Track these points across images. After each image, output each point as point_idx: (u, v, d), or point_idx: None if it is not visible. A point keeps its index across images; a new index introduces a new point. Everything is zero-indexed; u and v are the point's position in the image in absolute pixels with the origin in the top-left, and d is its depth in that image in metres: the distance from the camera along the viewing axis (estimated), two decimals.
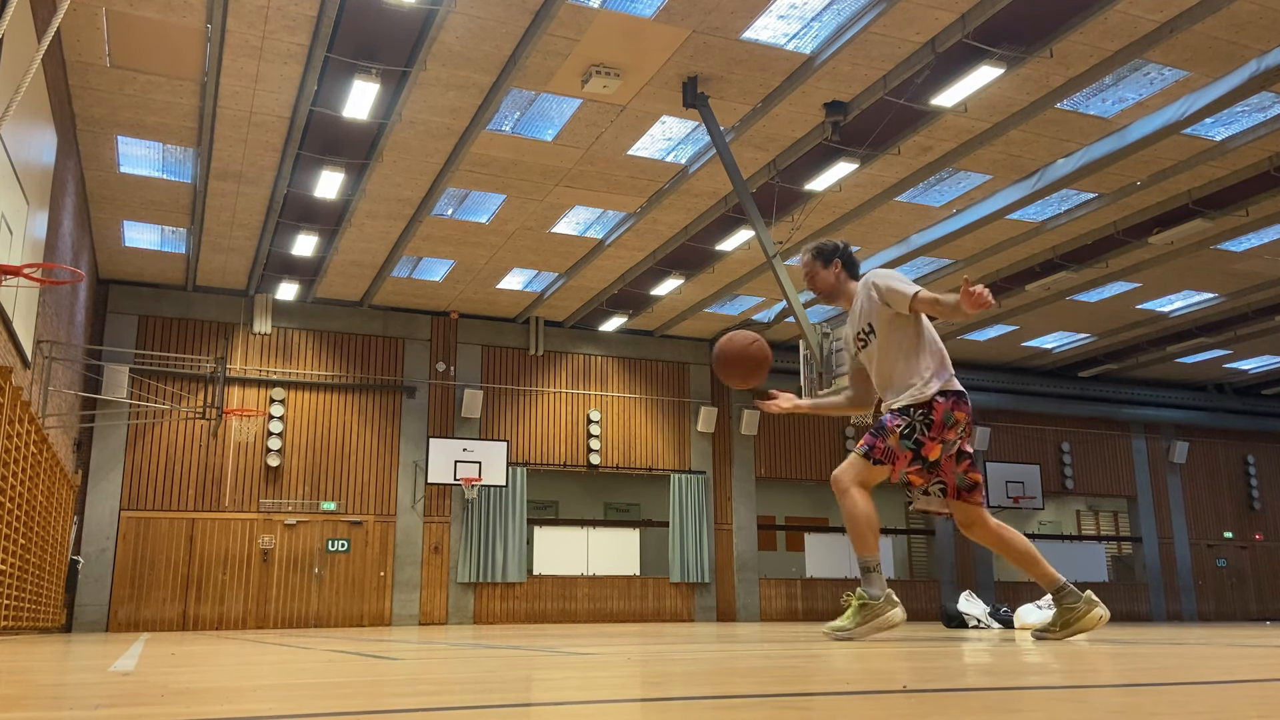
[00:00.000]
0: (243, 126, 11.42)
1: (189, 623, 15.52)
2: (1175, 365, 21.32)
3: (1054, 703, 1.80)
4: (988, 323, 18.40)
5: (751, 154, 12.01)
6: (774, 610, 19.06)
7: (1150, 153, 11.79)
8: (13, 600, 8.77)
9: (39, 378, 10.72)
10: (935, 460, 4.61)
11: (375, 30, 9.70)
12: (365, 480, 17.03)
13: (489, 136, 11.70)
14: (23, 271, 7.33)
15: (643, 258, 15.45)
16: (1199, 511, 23.25)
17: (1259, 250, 15.06)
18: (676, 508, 18.60)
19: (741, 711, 1.64)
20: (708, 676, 2.44)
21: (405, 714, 1.65)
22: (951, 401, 4.56)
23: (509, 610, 17.29)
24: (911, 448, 4.56)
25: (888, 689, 2.03)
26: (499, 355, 18.34)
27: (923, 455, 4.57)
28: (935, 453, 4.58)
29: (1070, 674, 2.50)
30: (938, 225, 14.15)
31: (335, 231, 14.36)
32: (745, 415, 19.37)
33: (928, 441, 4.55)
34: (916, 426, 4.55)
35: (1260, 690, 2.01)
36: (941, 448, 4.58)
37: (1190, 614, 22.41)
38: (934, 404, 4.55)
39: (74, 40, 9.74)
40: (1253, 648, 4.09)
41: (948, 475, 4.67)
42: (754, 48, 9.97)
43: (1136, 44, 9.68)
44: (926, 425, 4.54)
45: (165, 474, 15.96)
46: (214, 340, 16.54)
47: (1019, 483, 20.81)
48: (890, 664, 2.83)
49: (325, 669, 2.97)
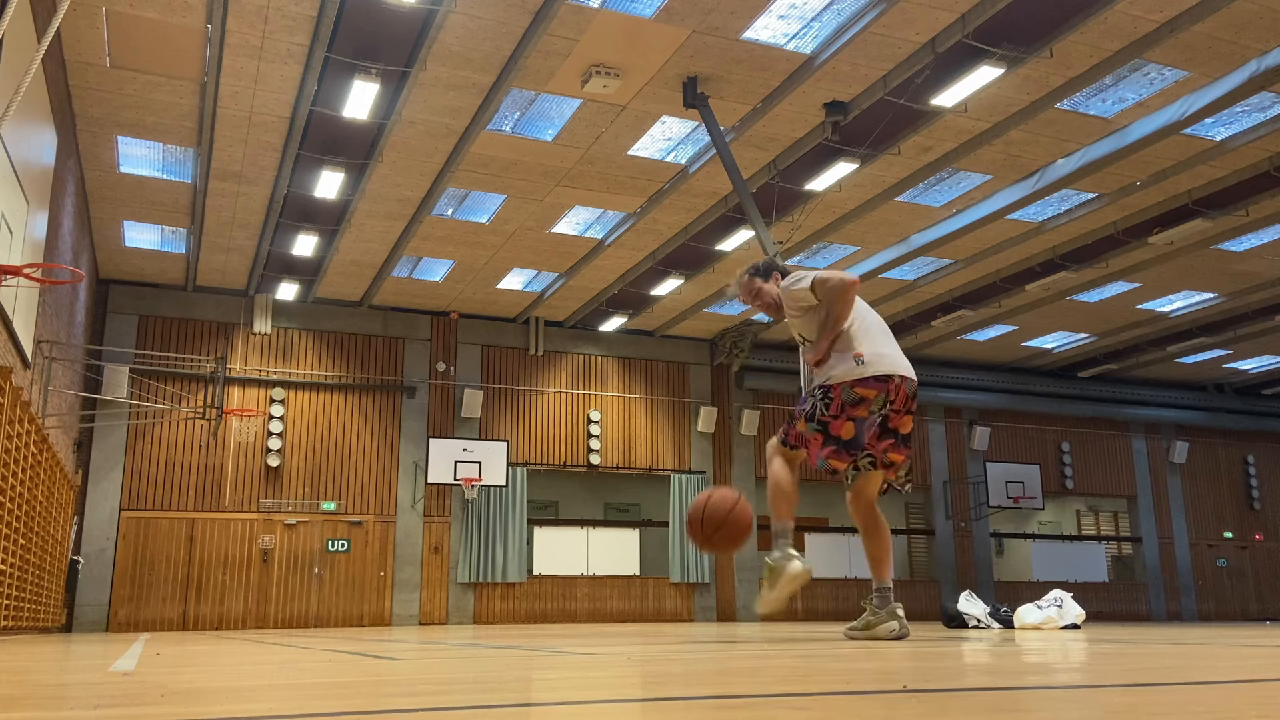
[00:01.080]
0: (243, 126, 11.42)
1: (189, 623, 15.52)
2: (1175, 365, 21.32)
3: (1054, 702, 1.80)
4: (988, 323, 18.40)
5: (751, 154, 12.01)
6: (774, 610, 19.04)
7: (1150, 153, 11.79)
8: (13, 600, 8.77)
9: (39, 378, 10.72)
10: (852, 439, 4.59)
11: (375, 30, 9.70)
12: (365, 480, 17.03)
13: (489, 136, 11.70)
14: (23, 271, 7.33)
15: (643, 258, 15.45)
16: (1199, 511, 23.25)
17: (1259, 250, 15.07)
18: (676, 508, 18.60)
19: (741, 711, 1.64)
20: (708, 676, 2.44)
21: (405, 714, 1.65)
22: (853, 381, 4.55)
23: (509, 610, 17.29)
24: (818, 429, 4.60)
25: (888, 689, 2.03)
26: (499, 355, 18.34)
27: (833, 435, 4.59)
28: (848, 431, 4.58)
29: (1070, 673, 2.50)
30: (938, 225, 14.15)
31: (335, 231, 14.36)
32: (745, 415, 19.38)
33: (832, 421, 4.57)
34: (817, 408, 4.62)
35: (1260, 690, 2.01)
36: (854, 425, 4.57)
37: (1190, 614, 22.42)
38: (832, 385, 4.60)
39: (74, 40, 9.74)
40: (1253, 648, 4.09)
41: (874, 450, 4.65)
42: (754, 48, 9.97)
43: (1136, 44, 9.68)
44: (826, 405, 4.59)
45: (165, 474, 15.96)
46: (214, 340, 16.54)
47: (1019, 483, 20.80)
48: (890, 664, 2.83)
49: (325, 669, 2.97)
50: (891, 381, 4.59)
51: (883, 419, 4.62)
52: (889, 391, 4.58)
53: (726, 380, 19.71)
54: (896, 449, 4.69)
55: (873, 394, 4.55)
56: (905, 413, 4.66)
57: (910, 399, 4.67)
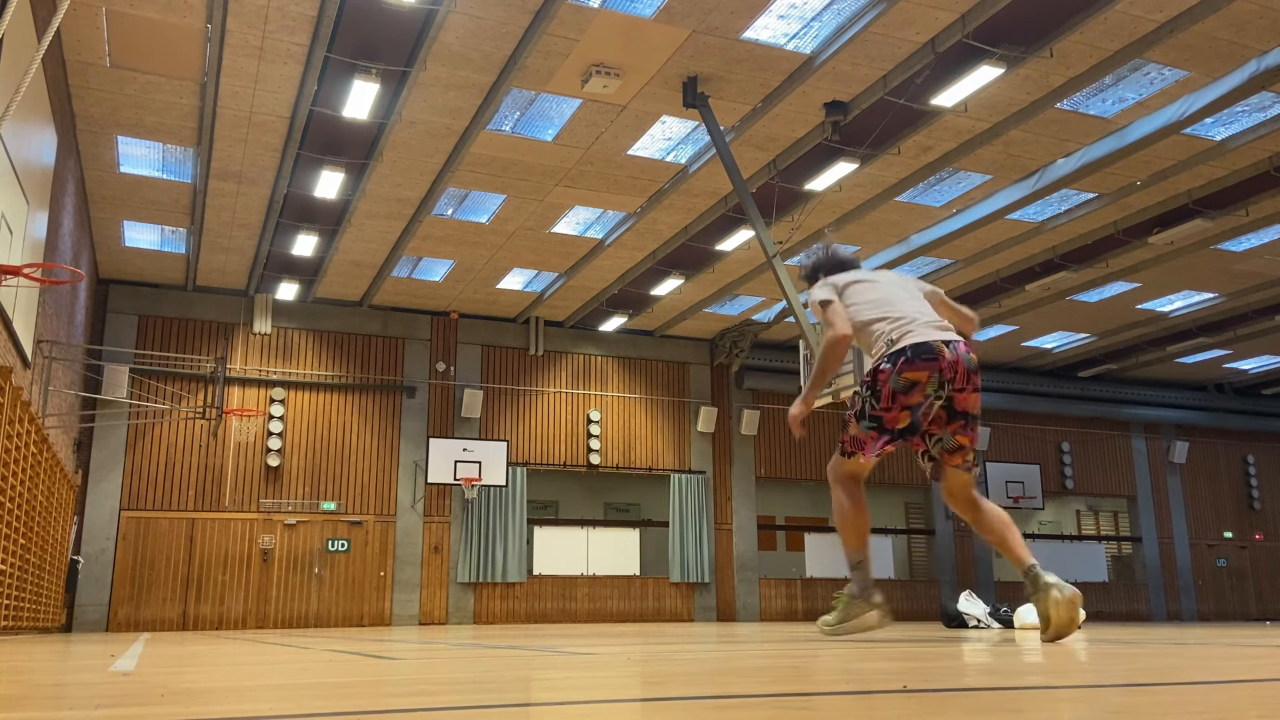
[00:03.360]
0: (243, 126, 11.42)
1: (189, 623, 15.52)
2: (1175, 365, 21.32)
3: (1054, 702, 1.80)
4: (988, 322, 18.40)
5: (751, 154, 12.01)
6: (774, 610, 19.06)
7: (1150, 153, 11.79)
8: (13, 600, 8.77)
9: (39, 378, 10.72)
10: (908, 427, 4.28)
11: (375, 30, 9.70)
12: (365, 480, 17.03)
13: (489, 136, 11.70)
14: (23, 271, 7.33)
15: (643, 258, 15.45)
16: (1199, 511, 23.25)
17: (1259, 250, 15.07)
18: (676, 508, 18.60)
19: (741, 711, 1.64)
20: (708, 676, 2.44)
21: (405, 714, 1.65)
22: (899, 365, 4.23)
23: (509, 610, 17.29)
24: (872, 426, 4.32)
25: (888, 689, 2.03)
26: (499, 355, 18.34)
27: (889, 429, 4.29)
28: (904, 420, 4.26)
29: (1070, 674, 2.50)
30: (938, 225, 14.15)
31: (335, 231, 14.36)
32: (745, 415, 19.38)
33: (885, 414, 4.27)
34: (865, 403, 4.34)
35: (1260, 690, 2.01)
36: (910, 414, 4.25)
37: (1190, 614, 22.42)
38: (877, 375, 4.31)
39: (74, 40, 9.74)
40: (1253, 648, 4.09)
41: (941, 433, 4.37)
42: (754, 48, 9.97)
43: (1136, 44, 9.68)
44: (875, 399, 4.29)
45: (165, 474, 15.96)
46: (214, 340, 16.54)
47: (1019, 483, 20.82)
48: (890, 664, 2.83)
49: (325, 669, 2.97)
50: (943, 357, 4.22)
51: (947, 400, 4.28)
52: (942, 370, 4.22)
53: (726, 380, 19.71)
54: (965, 430, 4.35)
55: (924, 375, 4.20)
56: (972, 390, 4.30)
57: (971, 373, 4.29)
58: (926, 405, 4.25)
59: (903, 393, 4.23)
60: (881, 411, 4.28)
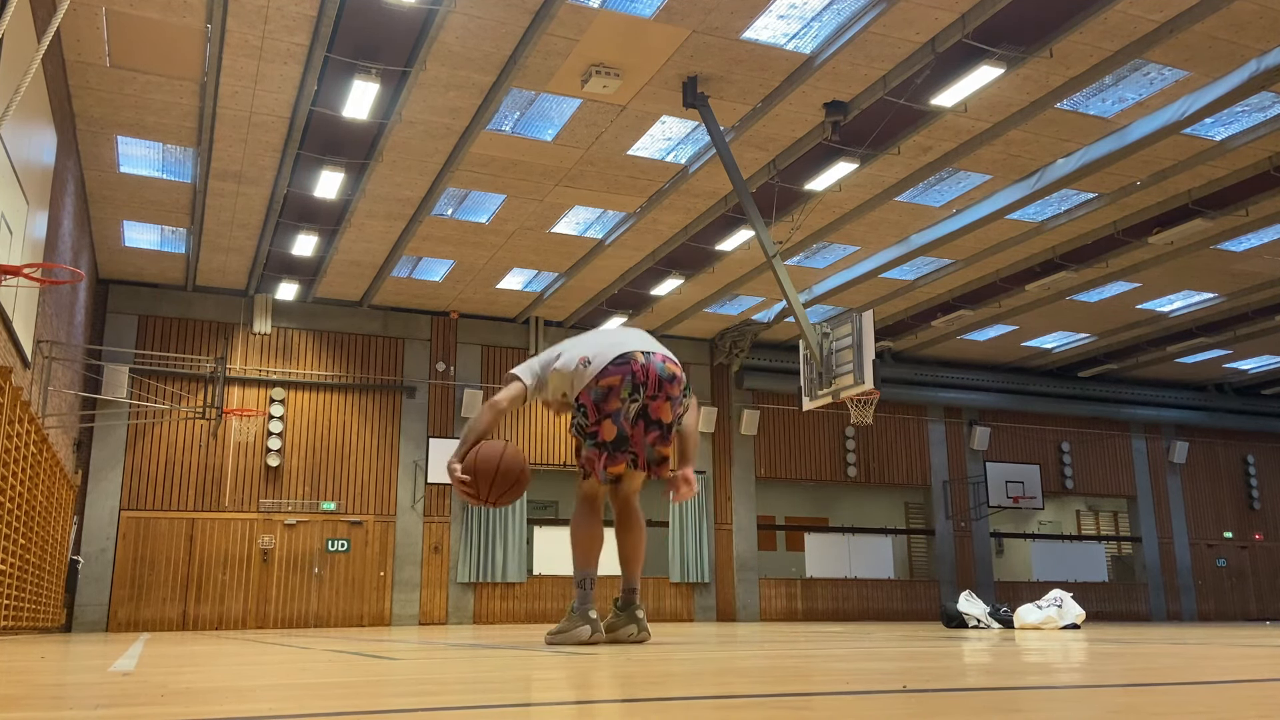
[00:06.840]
0: (243, 126, 11.42)
1: (189, 623, 15.52)
2: (1175, 365, 21.32)
3: (1054, 702, 1.80)
4: (988, 323, 18.41)
5: (751, 154, 12.02)
6: (774, 610, 19.06)
7: (1150, 153, 11.79)
8: (13, 600, 8.77)
9: (39, 378, 10.71)
10: (618, 438, 4.35)
11: (375, 30, 9.70)
12: (365, 480, 17.03)
13: (489, 136, 11.70)
14: (23, 271, 7.33)
15: (643, 258, 15.45)
16: (1199, 511, 23.25)
17: (1259, 250, 15.07)
18: (676, 508, 18.59)
19: (741, 711, 1.64)
20: (708, 676, 2.44)
21: (405, 714, 1.65)
22: (594, 378, 4.34)
23: (509, 610, 17.29)
24: (594, 445, 4.39)
25: (888, 689, 2.03)
26: (499, 355, 18.34)
27: (602, 442, 4.37)
28: (612, 432, 4.34)
29: (1070, 674, 2.50)
30: (938, 225, 14.15)
31: (335, 231, 14.36)
32: (745, 415, 19.38)
33: (598, 429, 4.36)
34: (582, 424, 4.42)
35: (1260, 690, 2.01)
36: (612, 421, 4.34)
37: (1190, 614, 22.42)
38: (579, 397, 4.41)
39: (74, 40, 9.74)
40: (1253, 648, 4.09)
41: (638, 447, 4.39)
42: (754, 48, 9.97)
43: (1136, 44, 9.68)
44: (585, 415, 4.38)
45: (165, 474, 15.96)
46: (214, 340, 16.54)
47: (1019, 483, 20.81)
48: (890, 664, 2.83)
49: (325, 669, 2.97)
50: (634, 362, 4.34)
51: (640, 408, 4.35)
52: (635, 374, 4.33)
53: (726, 380, 19.71)
54: (664, 441, 4.42)
55: (617, 379, 4.32)
56: (664, 399, 4.37)
57: (666, 382, 4.37)
58: (624, 410, 4.34)
59: (602, 401, 4.35)
60: (595, 426, 4.38)
